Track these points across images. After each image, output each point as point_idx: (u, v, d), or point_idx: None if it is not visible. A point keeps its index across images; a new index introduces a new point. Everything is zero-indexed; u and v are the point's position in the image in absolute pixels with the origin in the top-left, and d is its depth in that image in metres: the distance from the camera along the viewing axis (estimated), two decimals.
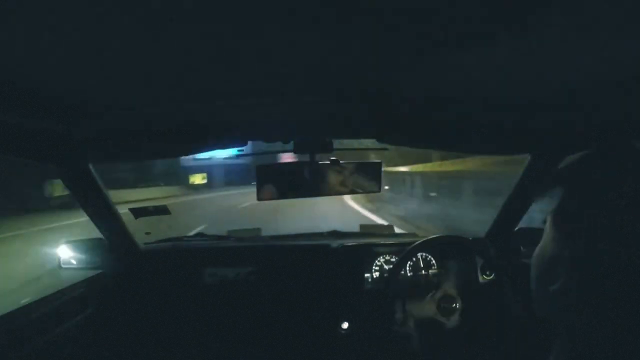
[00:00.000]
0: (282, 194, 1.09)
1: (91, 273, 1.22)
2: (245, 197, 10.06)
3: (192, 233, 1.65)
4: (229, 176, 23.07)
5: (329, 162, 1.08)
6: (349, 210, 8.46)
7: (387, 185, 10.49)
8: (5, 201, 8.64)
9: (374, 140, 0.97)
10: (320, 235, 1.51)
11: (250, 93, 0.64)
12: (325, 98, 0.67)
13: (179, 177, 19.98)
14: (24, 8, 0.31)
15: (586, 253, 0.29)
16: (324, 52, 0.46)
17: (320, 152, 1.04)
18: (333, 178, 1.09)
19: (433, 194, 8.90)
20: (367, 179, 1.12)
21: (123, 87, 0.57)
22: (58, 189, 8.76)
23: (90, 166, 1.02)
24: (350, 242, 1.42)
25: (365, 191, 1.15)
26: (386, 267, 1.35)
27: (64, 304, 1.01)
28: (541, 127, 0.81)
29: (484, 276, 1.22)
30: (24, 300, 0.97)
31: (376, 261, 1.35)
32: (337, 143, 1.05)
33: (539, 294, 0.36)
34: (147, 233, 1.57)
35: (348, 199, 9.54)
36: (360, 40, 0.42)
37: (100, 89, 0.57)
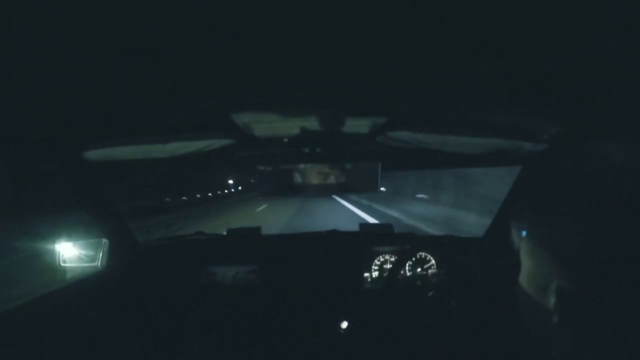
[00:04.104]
0: (282, 193, 1.10)
1: (92, 271, 1.22)
2: None
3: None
4: None
5: (327, 162, 1.09)
6: None
7: None
8: None
9: (373, 140, 0.98)
10: (320, 234, 1.52)
11: (251, 92, 0.64)
12: (325, 98, 0.67)
13: None
14: (24, 10, 0.31)
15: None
16: (325, 52, 0.46)
17: (319, 153, 1.04)
18: (331, 178, 1.10)
19: None
20: (364, 179, 1.12)
21: (124, 86, 0.57)
22: None
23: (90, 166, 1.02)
24: (349, 242, 1.42)
25: (362, 191, 1.17)
26: (385, 266, 1.35)
27: (63, 302, 1.01)
28: (540, 127, 0.81)
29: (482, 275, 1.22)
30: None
31: (375, 261, 1.35)
32: (336, 143, 1.05)
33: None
34: (147, 232, 1.57)
35: None
36: (360, 40, 0.42)
37: (101, 88, 0.57)
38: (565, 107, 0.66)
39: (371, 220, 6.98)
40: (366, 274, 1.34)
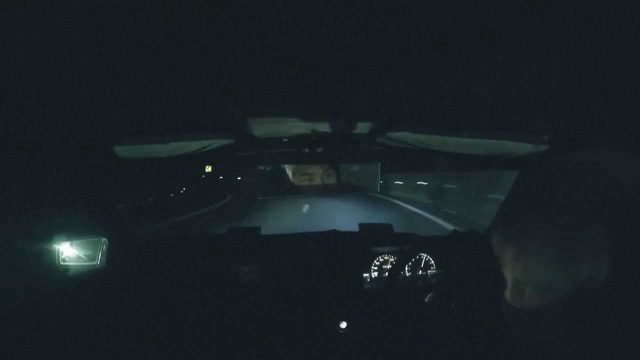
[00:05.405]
0: (281, 193, 1.11)
1: (91, 270, 1.22)
2: None
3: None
4: None
5: (327, 162, 1.09)
6: None
7: None
8: None
9: (373, 140, 0.98)
10: (320, 234, 1.52)
11: (251, 93, 0.64)
12: (324, 98, 0.67)
13: None
14: (27, 6, 0.31)
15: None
16: (325, 52, 0.46)
17: (318, 153, 1.04)
18: (332, 178, 1.10)
19: None
20: (365, 179, 1.13)
21: (124, 86, 0.57)
22: None
23: (90, 165, 1.02)
24: (349, 242, 1.42)
25: (363, 191, 1.17)
26: (385, 267, 1.35)
27: (63, 301, 1.01)
28: (540, 127, 0.81)
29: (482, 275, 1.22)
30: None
31: (375, 261, 1.35)
32: (336, 143, 1.05)
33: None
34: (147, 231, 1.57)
35: None
36: (359, 39, 0.42)
37: (102, 88, 0.57)
38: (565, 107, 0.67)
39: None
40: (366, 274, 1.34)
